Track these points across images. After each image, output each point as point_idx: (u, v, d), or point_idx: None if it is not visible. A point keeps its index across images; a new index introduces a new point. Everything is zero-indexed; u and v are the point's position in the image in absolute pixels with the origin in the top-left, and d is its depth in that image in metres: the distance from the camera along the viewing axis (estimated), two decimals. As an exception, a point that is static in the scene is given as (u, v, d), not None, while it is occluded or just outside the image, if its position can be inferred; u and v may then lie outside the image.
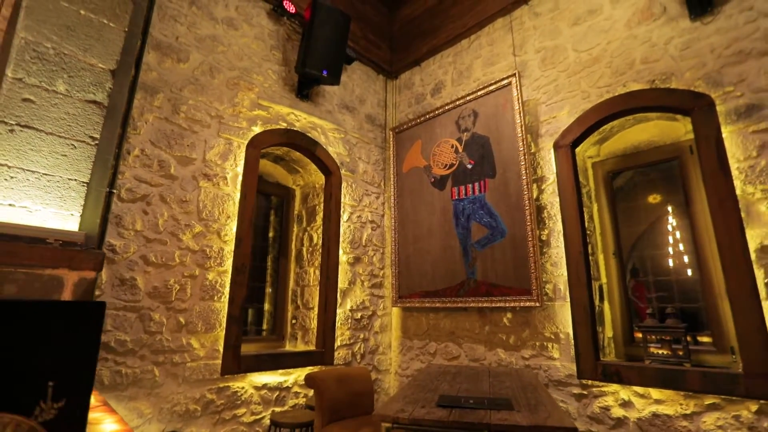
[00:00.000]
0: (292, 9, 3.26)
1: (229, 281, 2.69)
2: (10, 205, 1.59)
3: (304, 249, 3.59)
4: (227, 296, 2.66)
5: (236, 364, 2.62)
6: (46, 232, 1.65)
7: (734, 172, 2.16)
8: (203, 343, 2.53)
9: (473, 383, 2.01)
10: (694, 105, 2.33)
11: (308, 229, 3.62)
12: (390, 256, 3.77)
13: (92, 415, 1.18)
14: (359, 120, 3.93)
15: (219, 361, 2.56)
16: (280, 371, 2.88)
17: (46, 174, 1.68)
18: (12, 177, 1.60)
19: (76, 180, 1.75)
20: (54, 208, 1.69)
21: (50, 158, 1.69)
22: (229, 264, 2.72)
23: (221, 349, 2.58)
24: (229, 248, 2.74)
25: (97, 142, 1.81)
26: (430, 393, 1.76)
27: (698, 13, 2.39)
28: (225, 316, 2.64)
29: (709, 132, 2.25)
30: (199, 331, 2.52)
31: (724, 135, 2.22)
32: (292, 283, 3.58)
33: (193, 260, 2.57)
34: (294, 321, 3.47)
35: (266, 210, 3.65)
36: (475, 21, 3.57)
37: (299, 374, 2.98)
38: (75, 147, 1.75)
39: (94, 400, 1.40)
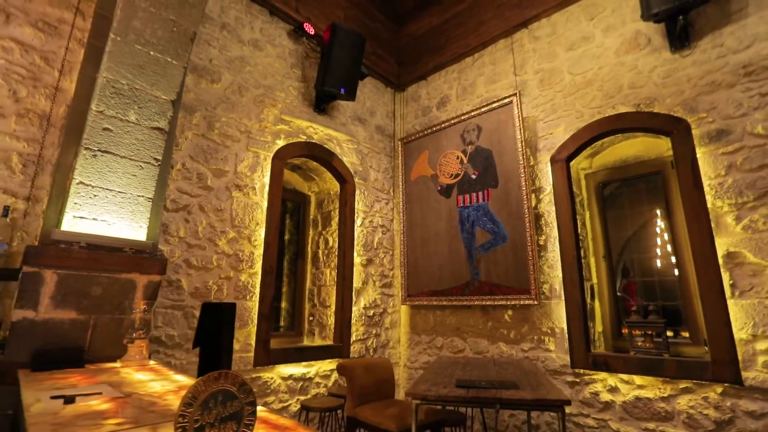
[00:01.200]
0: (311, 30, 3.53)
1: (259, 282, 2.97)
2: (93, 219, 1.87)
3: (320, 251, 3.88)
4: (258, 296, 2.95)
5: (266, 356, 2.91)
6: (122, 241, 1.94)
7: (706, 188, 2.49)
8: (237, 338, 2.82)
9: (482, 370, 2.32)
10: (673, 128, 2.66)
11: (323, 233, 3.91)
12: (399, 258, 4.08)
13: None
14: (370, 131, 4.22)
15: (251, 354, 2.85)
16: (304, 363, 3.17)
17: (120, 192, 1.96)
18: (95, 195, 1.88)
19: (143, 196, 2.03)
20: (127, 221, 1.97)
21: (123, 178, 1.97)
22: (258, 266, 3.00)
23: (253, 343, 2.87)
24: (259, 252, 3.03)
25: (159, 162, 2.08)
26: (446, 378, 2.07)
27: (678, 46, 2.72)
28: (256, 313, 2.92)
29: (686, 153, 2.58)
30: (234, 328, 2.80)
31: (698, 155, 2.55)
32: (308, 283, 3.87)
33: (228, 263, 2.85)
34: (311, 318, 3.76)
35: (282, 214, 3.92)
36: (478, 42, 3.87)
37: (320, 366, 3.28)
38: (142, 168, 2.03)
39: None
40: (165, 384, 1.42)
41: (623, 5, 3.06)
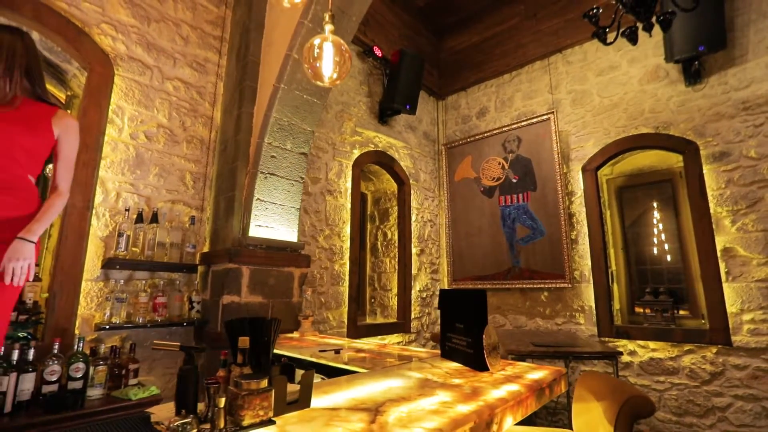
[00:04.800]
0: (379, 53, 4.06)
1: (348, 271, 3.60)
2: (266, 226, 2.46)
3: (379, 243, 4.51)
4: (347, 282, 3.58)
5: (355, 331, 3.57)
6: (284, 243, 2.54)
7: (709, 198, 3.21)
8: (334, 316, 3.46)
9: (538, 337, 3.04)
10: (685, 148, 3.35)
11: (381, 227, 4.53)
12: (445, 248, 4.74)
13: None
14: (419, 137, 4.81)
15: (345, 330, 3.51)
16: (379, 337, 3.85)
17: (280, 204, 2.54)
18: (266, 208, 2.46)
19: (294, 207, 2.62)
20: (285, 227, 2.56)
21: (282, 194, 2.55)
22: (347, 258, 3.62)
23: (346, 321, 3.52)
24: (346, 246, 3.64)
25: (303, 180, 2.66)
26: (518, 341, 2.77)
27: (691, 81, 3.38)
28: (347, 296, 3.56)
29: (695, 169, 3.29)
30: (332, 308, 3.44)
31: (704, 171, 3.25)
32: (369, 270, 4.51)
33: (325, 256, 3.46)
34: (372, 300, 4.42)
35: (346, 211, 4.51)
36: (517, 62, 4.46)
37: (390, 339, 3.96)
38: (293, 185, 2.61)
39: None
40: (362, 344, 2.06)
41: (646, 41, 3.69)
